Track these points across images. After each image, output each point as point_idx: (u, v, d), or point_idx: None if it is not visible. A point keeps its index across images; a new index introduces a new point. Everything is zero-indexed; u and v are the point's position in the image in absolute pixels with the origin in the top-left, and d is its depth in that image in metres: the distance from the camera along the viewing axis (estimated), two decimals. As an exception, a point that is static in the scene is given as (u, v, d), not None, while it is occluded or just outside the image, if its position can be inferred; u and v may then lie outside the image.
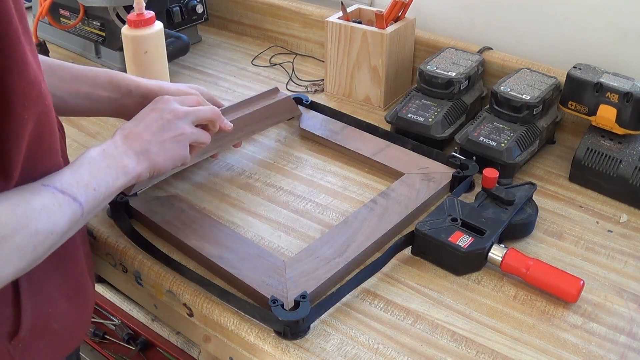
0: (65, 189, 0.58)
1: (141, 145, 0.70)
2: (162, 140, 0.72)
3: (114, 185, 0.65)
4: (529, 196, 0.82)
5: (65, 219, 0.57)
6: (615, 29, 1.00)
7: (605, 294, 0.73)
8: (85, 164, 0.63)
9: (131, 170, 0.67)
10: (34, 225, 0.54)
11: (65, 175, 0.60)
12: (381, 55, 1.05)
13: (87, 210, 0.60)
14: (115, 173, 0.65)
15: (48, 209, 0.56)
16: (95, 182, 0.62)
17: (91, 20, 1.23)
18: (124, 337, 1.17)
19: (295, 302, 0.67)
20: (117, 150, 0.68)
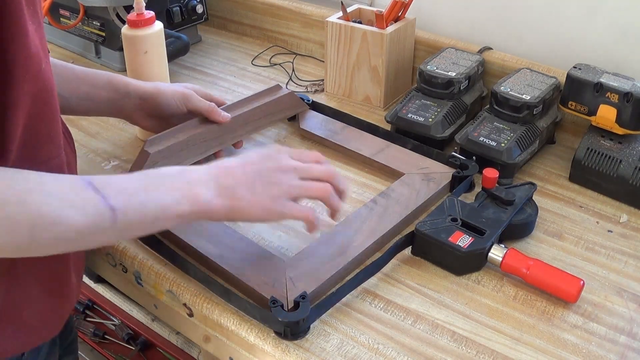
0: (102, 188, 0.55)
1: (227, 180, 0.63)
2: (252, 183, 0.64)
3: (172, 209, 0.59)
4: (529, 196, 0.82)
5: (84, 217, 0.54)
6: (615, 29, 1.00)
7: (605, 294, 0.73)
8: (150, 175, 0.60)
9: (202, 201, 0.61)
10: (36, 207, 0.51)
11: (112, 178, 0.57)
12: (381, 55, 1.05)
13: (122, 220, 0.56)
14: (179, 197, 0.60)
15: (63, 198, 0.53)
16: (146, 196, 0.58)
17: (91, 20, 1.23)
18: (124, 337, 1.17)
19: (295, 302, 0.67)
20: (197, 175, 0.62)
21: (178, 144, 0.86)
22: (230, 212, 0.63)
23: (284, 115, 1.01)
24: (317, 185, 0.67)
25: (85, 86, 0.82)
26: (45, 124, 0.59)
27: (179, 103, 0.87)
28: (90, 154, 0.97)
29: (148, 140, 0.84)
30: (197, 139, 0.88)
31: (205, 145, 0.89)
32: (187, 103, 0.88)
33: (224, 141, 0.92)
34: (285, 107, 1.00)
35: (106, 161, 0.96)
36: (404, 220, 0.80)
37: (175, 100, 0.87)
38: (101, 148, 0.99)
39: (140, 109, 0.87)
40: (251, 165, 0.65)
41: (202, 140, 0.89)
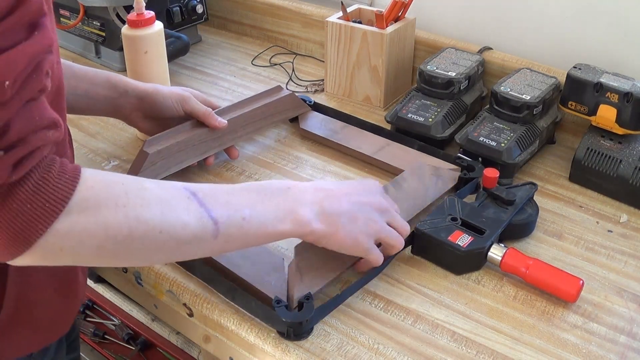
0: (206, 200, 0.55)
1: (333, 206, 0.63)
2: (355, 215, 0.64)
3: (275, 226, 0.59)
4: (530, 196, 0.82)
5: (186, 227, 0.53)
6: (615, 29, 1.00)
7: (605, 294, 0.73)
8: (252, 190, 0.60)
9: (304, 222, 0.61)
10: (135, 213, 0.50)
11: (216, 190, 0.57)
12: (381, 55, 1.05)
13: (224, 233, 0.55)
14: (282, 215, 0.60)
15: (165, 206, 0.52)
16: (250, 211, 0.57)
17: (91, 20, 1.23)
18: (124, 337, 1.17)
19: (300, 303, 0.67)
20: (302, 194, 0.62)
21: (177, 144, 0.86)
22: (324, 238, 0.64)
23: (285, 117, 1.01)
24: (398, 237, 0.69)
25: (84, 84, 0.83)
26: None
27: (176, 104, 0.87)
28: (90, 154, 0.97)
29: (147, 141, 0.84)
30: (196, 140, 0.88)
31: (205, 146, 0.89)
32: (184, 105, 0.88)
33: (224, 142, 0.91)
34: (286, 108, 1.00)
35: (106, 161, 0.96)
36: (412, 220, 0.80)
37: (172, 101, 0.87)
38: (101, 148, 0.99)
39: (137, 109, 0.87)
40: (357, 197, 0.66)
41: (202, 141, 0.89)
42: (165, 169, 0.85)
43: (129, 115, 0.88)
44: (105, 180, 0.51)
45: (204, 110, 0.88)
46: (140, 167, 0.82)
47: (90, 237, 0.50)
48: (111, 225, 0.50)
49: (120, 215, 0.50)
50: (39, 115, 0.48)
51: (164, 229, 0.52)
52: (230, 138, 0.92)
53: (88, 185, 0.49)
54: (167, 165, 0.85)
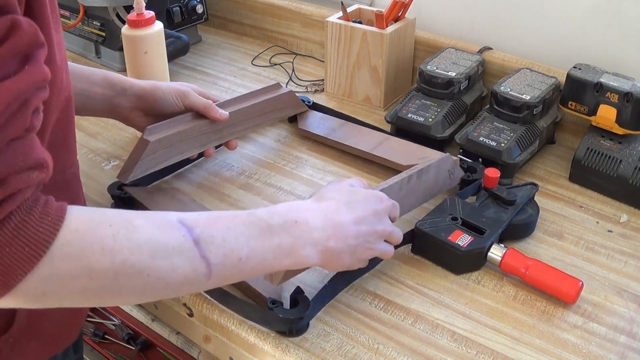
0: (202, 242, 0.51)
1: (338, 247, 0.61)
2: (355, 249, 0.63)
3: (272, 265, 0.58)
4: (531, 196, 0.82)
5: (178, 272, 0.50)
6: (615, 29, 1.00)
7: (605, 294, 0.73)
8: (255, 225, 0.56)
9: (303, 261, 0.59)
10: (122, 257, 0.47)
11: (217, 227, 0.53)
12: (381, 55, 1.05)
13: (217, 275, 0.53)
14: (282, 255, 0.57)
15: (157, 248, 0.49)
16: (248, 252, 0.55)
17: (91, 20, 1.23)
18: (124, 337, 1.17)
19: (293, 299, 0.67)
20: (309, 233, 0.59)
21: (178, 134, 0.84)
22: (321, 265, 0.63)
23: (284, 115, 1.01)
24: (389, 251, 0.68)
25: (81, 82, 0.81)
26: (63, 131, 0.58)
27: (175, 100, 0.86)
28: (90, 154, 0.97)
29: (148, 129, 0.83)
30: (197, 132, 0.87)
31: (205, 137, 0.88)
32: (184, 100, 0.87)
33: (224, 136, 0.91)
34: (285, 106, 1.00)
35: (106, 161, 0.96)
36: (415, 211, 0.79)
37: (172, 96, 0.86)
38: (101, 148, 0.99)
39: (136, 107, 0.86)
40: (365, 227, 0.63)
41: (202, 132, 0.88)
42: (166, 158, 0.84)
43: (128, 115, 0.87)
44: (92, 221, 0.48)
45: (205, 102, 0.87)
46: (140, 155, 0.81)
47: (74, 281, 0.47)
48: (95, 270, 0.47)
49: (106, 260, 0.47)
50: (24, 156, 0.45)
51: (152, 273, 0.49)
52: (230, 132, 0.91)
53: (72, 229, 0.46)
54: (168, 155, 0.84)
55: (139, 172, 0.82)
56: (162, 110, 0.87)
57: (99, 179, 0.91)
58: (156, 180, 0.91)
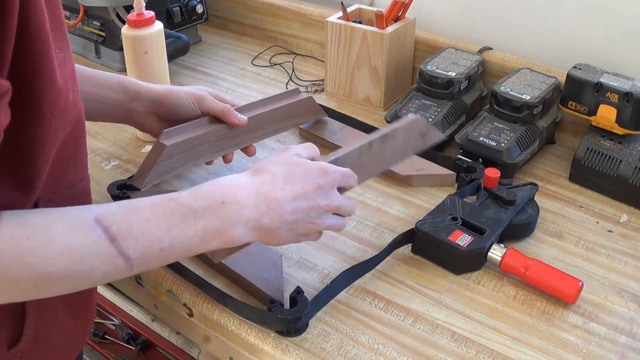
0: (119, 238, 0.51)
1: (273, 223, 0.59)
2: (295, 224, 0.61)
3: (199, 248, 0.57)
4: (531, 197, 0.82)
5: (97, 271, 0.51)
6: (615, 29, 1.00)
7: (605, 294, 0.73)
8: (176, 212, 0.55)
9: (234, 240, 0.58)
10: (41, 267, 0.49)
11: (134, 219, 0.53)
12: (381, 55, 1.05)
13: (140, 267, 0.53)
14: (209, 237, 0.56)
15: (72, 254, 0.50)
16: (170, 241, 0.54)
17: (91, 20, 1.23)
18: (124, 337, 1.17)
19: (292, 298, 0.67)
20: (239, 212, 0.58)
21: (195, 138, 0.81)
22: (258, 241, 0.62)
23: (303, 121, 0.98)
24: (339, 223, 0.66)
25: (94, 87, 0.79)
26: (72, 150, 0.57)
27: (192, 104, 0.84)
28: (90, 153, 0.97)
29: (164, 132, 0.80)
30: (214, 136, 0.84)
31: (223, 143, 0.85)
32: (200, 104, 0.84)
33: (241, 141, 0.88)
34: (304, 112, 0.97)
35: (106, 161, 0.96)
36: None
37: (188, 101, 0.84)
38: (101, 148, 0.99)
39: (151, 112, 0.83)
40: (303, 202, 0.61)
41: (219, 137, 0.85)
42: (182, 163, 0.81)
43: (143, 120, 0.84)
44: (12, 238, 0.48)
45: (222, 107, 0.84)
46: (157, 159, 0.78)
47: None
48: (16, 281, 0.49)
49: (25, 273, 0.48)
50: None
51: (71, 276, 0.50)
52: (248, 138, 0.89)
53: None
54: (184, 159, 0.81)
55: (155, 176, 0.79)
56: (177, 115, 0.84)
57: (99, 179, 0.91)
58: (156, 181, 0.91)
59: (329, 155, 0.70)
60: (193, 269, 0.74)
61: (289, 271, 0.75)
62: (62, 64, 0.52)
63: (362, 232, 0.82)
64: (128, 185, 0.85)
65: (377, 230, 0.82)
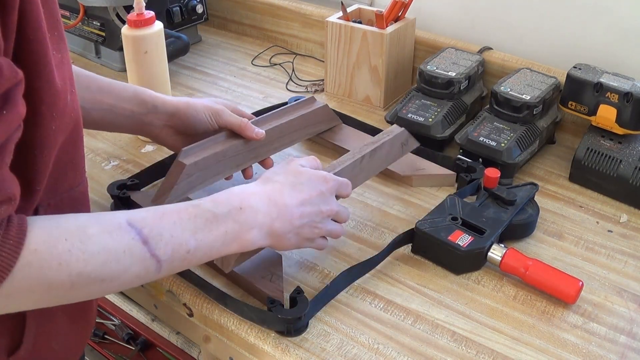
0: (151, 241, 0.53)
1: (283, 227, 0.64)
2: (301, 229, 0.66)
3: (220, 251, 0.60)
4: (531, 197, 0.82)
5: (130, 273, 0.53)
6: (615, 29, 1.00)
7: (605, 294, 0.73)
8: (201, 216, 0.58)
9: (250, 244, 0.62)
10: (77, 269, 0.50)
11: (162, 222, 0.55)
12: (381, 55, 1.05)
13: (167, 269, 0.55)
14: (229, 240, 0.60)
15: (107, 255, 0.51)
16: (196, 243, 0.57)
17: (91, 20, 1.23)
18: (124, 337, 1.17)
19: (292, 298, 0.67)
20: (254, 216, 0.62)
21: (214, 155, 0.80)
22: (269, 246, 0.66)
23: (319, 129, 0.98)
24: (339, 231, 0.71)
25: (110, 98, 0.78)
26: (71, 152, 0.57)
27: (209, 119, 0.82)
28: (90, 153, 0.97)
29: (183, 151, 0.79)
30: (233, 152, 0.83)
31: (241, 157, 0.85)
32: (218, 119, 0.82)
33: (259, 154, 0.88)
34: (320, 121, 0.97)
35: (106, 161, 0.96)
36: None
37: (205, 115, 0.82)
38: (101, 148, 0.99)
39: (167, 125, 0.82)
40: (310, 208, 0.66)
41: (237, 152, 0.84)
42: (201, 180, 0.81)
43: (158, 133, 0.83)
44: (50, 238, 0.49)
45: (240, 121, 0.82)
46: (177, 179, 0.77)
47: (33, 294, 0.50)
48: (54, 284, 0.49)
49: (63, 274, 0.49)
50: None
51: (106, 278, 0.51)
52: (265, 150, 0.88)
53: (31, 249, 0.48)
54: (204, 177, 0.81)
55: (174, 197, 0.78)
56: (194, 129, 0.83)
57: (99, 179, 0.91)
58: (155, 181, 0.91)
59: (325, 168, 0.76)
60: (193, 269, 0.74)
61: (289, 271, 0.75)
62: (60, 65, 0.52)
63: (362, 232, 0.82)
64: (128, 185, 0.85)
65: (377, 230, 0.82)
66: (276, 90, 1.17)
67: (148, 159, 0.96)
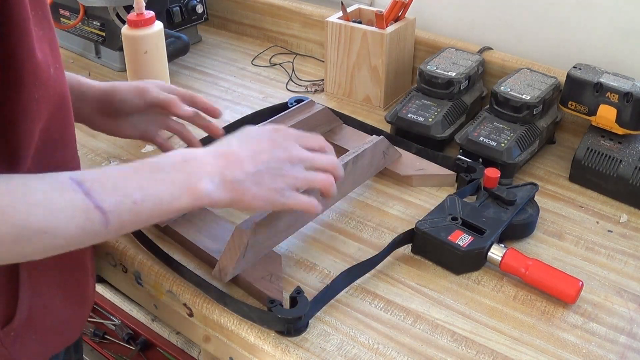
0: (92, 192, 0.53)
1: (235, 174, 0.60)
2: (261, 179, 0.62)
3: (171, 203, 0.57)
4: (531, 196, 0.82)
5: (74, 225, 0.52)
6: (615, 29, 1.00)
7: (605, 294, 0.73)
8: (144, 169, 0.57)
9: (203, 195, 0.59)
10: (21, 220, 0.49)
11: (105, 175, 0.55)
12: (381, 55, 1.05)
13: (115, 222, 0.54)
14: (178, 191, 0.57)
15: (51, 205, 0.51)
16: (142, 193, 0.55)
17: (91, 20, 1.23)
18: (124, 337, 1.17)
19: (292, 298, 0.67)
20: (200, 166, 0.59)
21: None
22: (231, 203, 0.61)
23: (319, 132, 0.96)
24: (320, 177, 0.66)
25: None
26: (59, 129, 0.58)
27: (135, 98, 0.82)
28: (90, 154, 0.97)
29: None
30: None
31: None
32: (144, 96, 0.82)
33: None
34: (320, 123, 0.97)
35: (106, 161, 0.96)
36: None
37: (130, 94, 0.82)
38: (101, 148, 0.99)
39: (96, 109, 0.82)
40: (262, 155, 0.62)
41: None
42: None
43: (91, 118, 0.83)
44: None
45: (167, 98, 0.82)
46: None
47: None
48: None
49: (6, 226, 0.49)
50: None
51: (49, 230, 0.51)
52: None
53: None
54: None
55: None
56: (123, 110, 0.83)
57: (99, 179, 0.91)
58: None
59: None
60: (193, 268, 0.74)
61: (289, 271, 0.75)
62: (41, 39, 0.53)
63: (362, 232, 0.82)
64: None
65: (377, 230, 0.82)
66: (276, 90, 1.17)
67: (148, 159, 0.96)
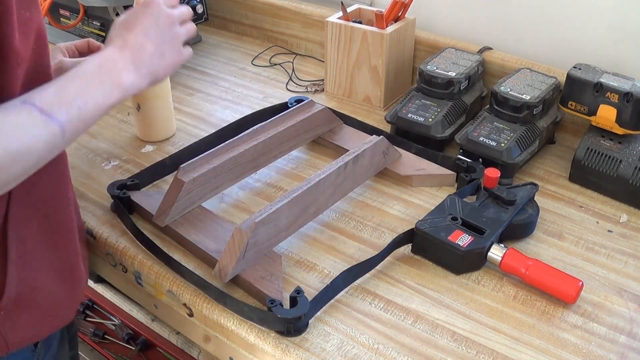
0: (45, 108, 0.56)
1: (143, 58, 0.66)
2: (162, 51, 0.68)
3: (105, 102, 0.62)
4: (531, 196, 0.82)
5: (41, 140, 0.55)
6: (615, 29, 1.00)
7: (605, 294, 0.73)
8: (76, 78, 0.60)
9: (129, 87, 0.64)
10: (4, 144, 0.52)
11: (48, 92, 0.58)
12: (381, 55, 1.05)
13: (68, 130, 0.58)
14: (109, 90, 0.62)
15: (22, 128, 0.54)
16: (82, 100, 0.59)
17: (91, 20, 1.23)
18: (124, 337, 1.17)
19: (292, 298, 0.67)
20: (115, 64, 0.64)
21: (213, 170, 0.82)
22: (151, 84, 0.68)
23: (319, 132, 0.98)
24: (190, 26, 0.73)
25: None
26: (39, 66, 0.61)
27: None
28: (90, 154, 0.97)
29: (181, 167, 0.80)
30: (232, 163, 0.84)
31: (240, 169, 0.86)
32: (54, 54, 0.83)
33: (260, 164, 0.88)
34: (320, 123, 0.97)
35: (106, 161, 0.96)
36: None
37: None
38: (101, 148, 0.99)
39: None
40: (153, 30, 0.68)
41: (236, 163, 0.85)
42: (201, 195, 0.82)
43: None
44: None
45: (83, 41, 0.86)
46: (176, 196, 0.79)
47: None
48: None
49: None
50: None
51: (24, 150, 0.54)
52: (266, 159, 0.89)
53: None
54: (203, 191, 0.82)
55: (176, 213, 0.80)
56: None
57: (99, 179, 0.91)
58: (155, 180, 0.91)
59: (309, 177, 0.78)
60: (193, 269, 0.74)
61: (289, 271, 0.75)
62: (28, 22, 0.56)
63: (362, 232, 0.82)
64: (128, 185, 0.85)
65: (377, 230, 0.82)
66: (276, 90, 1.17)
67: (148, 159, 0.96)
